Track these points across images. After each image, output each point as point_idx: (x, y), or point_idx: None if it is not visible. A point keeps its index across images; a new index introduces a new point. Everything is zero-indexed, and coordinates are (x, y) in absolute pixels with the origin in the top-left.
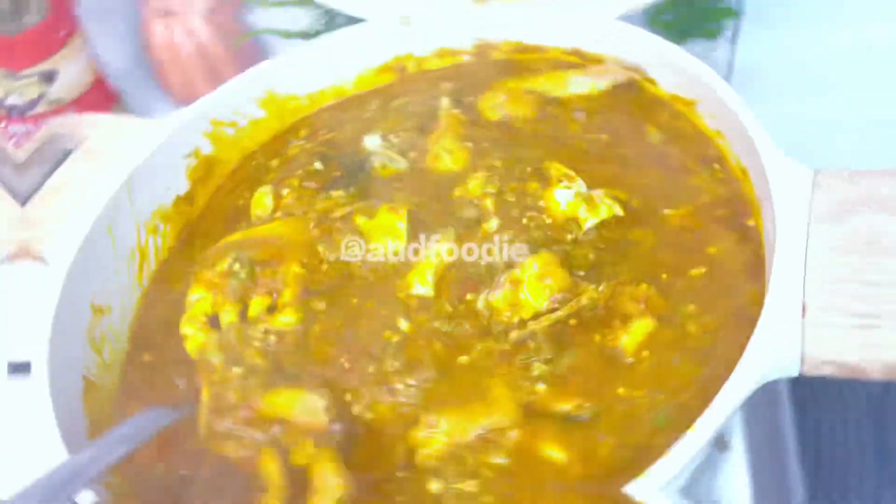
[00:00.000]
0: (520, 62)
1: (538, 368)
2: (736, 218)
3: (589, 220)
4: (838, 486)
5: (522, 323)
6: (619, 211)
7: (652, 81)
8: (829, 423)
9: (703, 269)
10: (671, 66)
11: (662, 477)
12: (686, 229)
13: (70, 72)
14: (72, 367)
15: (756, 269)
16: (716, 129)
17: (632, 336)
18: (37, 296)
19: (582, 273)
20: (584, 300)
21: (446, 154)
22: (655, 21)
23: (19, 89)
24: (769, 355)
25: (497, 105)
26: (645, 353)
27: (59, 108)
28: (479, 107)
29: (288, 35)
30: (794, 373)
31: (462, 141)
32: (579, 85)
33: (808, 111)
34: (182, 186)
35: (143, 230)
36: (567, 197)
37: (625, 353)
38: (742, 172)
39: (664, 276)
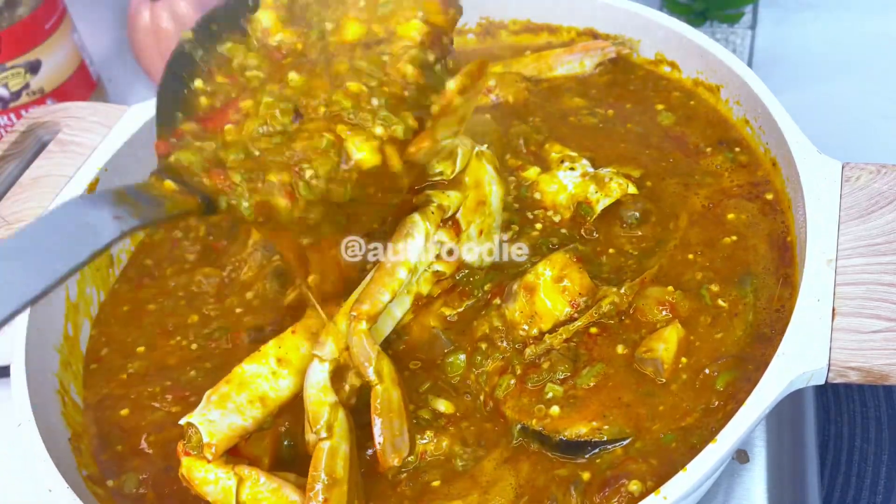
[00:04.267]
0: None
1: (552, 390)
2: (756, 193)
3: (602, 201)
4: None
5: (539, 338)
6: (631, 189)
7: (674, 64)
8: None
9: (734, 237)
10: (695, 52)
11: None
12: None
13: (53, 62)
14: (48, 371)
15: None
16: (742, 117)
17: (668, 344)
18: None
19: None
20: (605, 306)
21: None
22: (673, 5)
23: (5, 80)
24: (797, 361)
25: (486, 89)
26: (683, 361)
27: (40, 99)
28: None
29: None
30: (821, 380)
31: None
32: (567, 64)
33: (827, 98)
34: None
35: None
36: (573, 178)
37: (663, 364)
38: (771, 163)
39: (690, 255)
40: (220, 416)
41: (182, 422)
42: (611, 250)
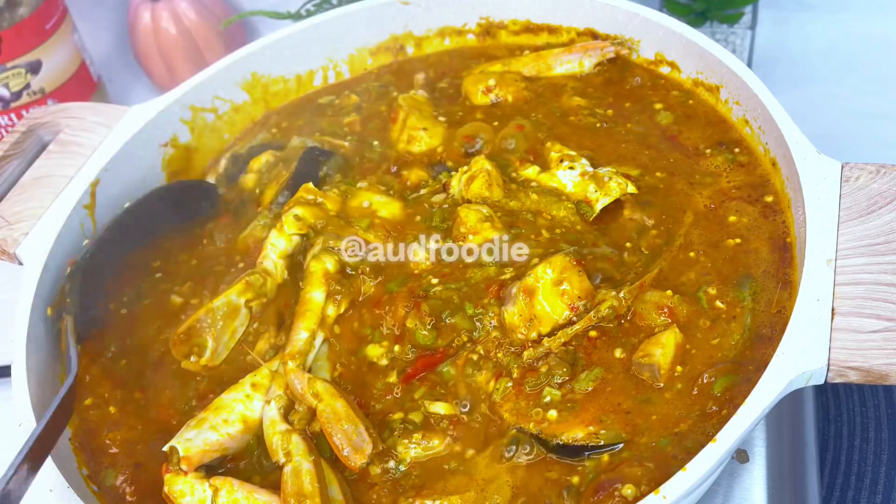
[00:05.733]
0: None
1: (549, 394)
2: (756, 196)
3: (601, 200)
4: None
5: (538, 341)
6: (630, 188)
7: (673, 64)
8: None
9: (738, 240)
10: (695, 52)
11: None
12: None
13: (54, 62)
14: (48, 371)
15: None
16: (742, 117)
17: (664, 349)
18: (12, 298)
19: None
20: (604, 310)
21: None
22: (673, 5)
23: (6, 80)
24: (796, 361)
25: (486, 89)
26: (679, 370)
27: (41, 99)
28: (466, 91)
29: (279, 16)
30: (821, 380)
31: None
32: (566, 64)
33: (827, 98)
34: (157, 179)
35: None
36: (572, 178)
37: (659, 369)
38: (771, 163)
39: (691, 254)
40: (195, 434)
41: (165, 448)
42: (613, 248)
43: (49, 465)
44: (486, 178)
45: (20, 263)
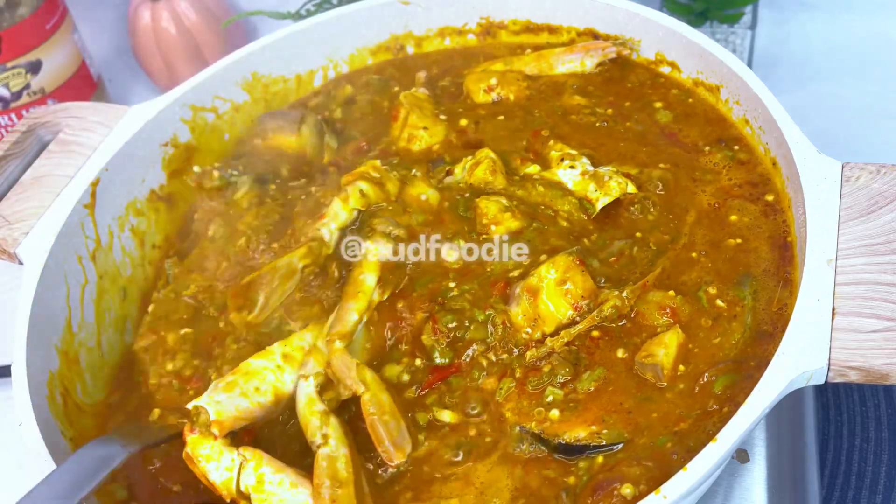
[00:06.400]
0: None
1: (552, 393)
2: (758, 194)
3: (602, 200)
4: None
5: (541, 340)
6: (630, 188)
7: (674, 64)
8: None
9: (738, 240)
10: (695, 52)
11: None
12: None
13: (54, 62)
14: (48, 370)
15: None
16: (742, 117)
17: (667, 349)
18: (12, 298)
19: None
20: (607, 309)
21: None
22: (673, 5)
23: (6, 80)
24: (797, 361)
25: (488, 87)
26: (682, 368)
27: (41, 99)
28: (468, 89)
29: (279, 16)
30: (821, 380)
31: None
32: (568, 64)
33: (827, 98)
34: (158, 178)
35: (116, 226)
36: (573, 177)
37: (662, 369)
38: (771, 163)
39: (693, 254)
40: (227, 398)
41: (190, 406)
42: (616, 248)
43: (49, 465)
44: (490, 164)
45: (20, 263)
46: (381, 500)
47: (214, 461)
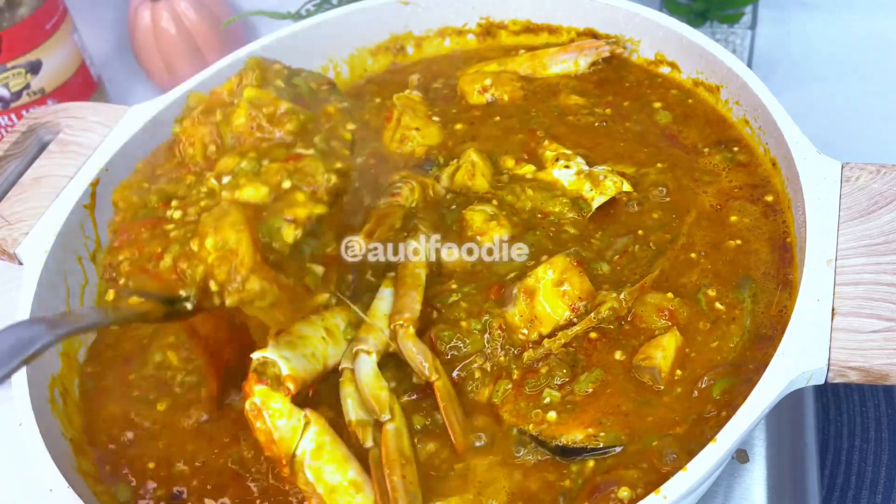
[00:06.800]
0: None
1: (549, 395)
2: (758, 196)
3: (597, 199)
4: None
5: (538, 342)
6: (626, 187)
7: (674, 64)
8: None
9: (738, 241)
10: (695, 52)
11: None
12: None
13: (54, 62)
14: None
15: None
16: (742, 117)
17: (665, 352)
18: (12, 298)
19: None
20: (605, 311)
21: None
22: (673, 5)
23: (6, 80)
24: (796, 361)
25: (482, 88)
26: (679, 373)
27: (41, 99)
28: (462, 91)
29: (279, 16)
30: (821, 380)
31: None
32: (562, 63)
33: (827, 98)
34: None
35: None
36: (568, 176)
37: (660, 372)
38: (771, 163)
39: (692, 255)
40: (292, 355)
41: (255, 356)
42: (620, 245)
43: (49, 465)
44: (468, 168)
45: (20, 263)
46: None
47: (284, 418)
